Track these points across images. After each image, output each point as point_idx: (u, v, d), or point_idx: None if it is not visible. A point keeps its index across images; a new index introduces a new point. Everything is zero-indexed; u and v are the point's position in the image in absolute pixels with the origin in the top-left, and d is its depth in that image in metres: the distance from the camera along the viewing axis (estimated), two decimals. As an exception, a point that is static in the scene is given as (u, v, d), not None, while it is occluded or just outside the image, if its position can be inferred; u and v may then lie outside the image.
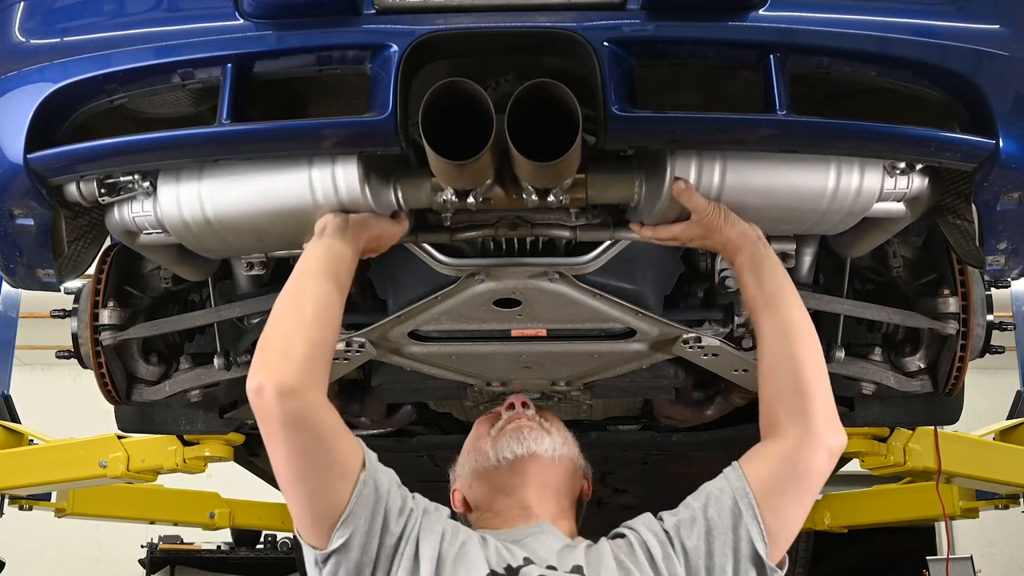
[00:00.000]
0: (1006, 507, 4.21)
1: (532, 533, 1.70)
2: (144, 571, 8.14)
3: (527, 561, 1.60)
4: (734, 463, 1.71)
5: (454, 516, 1.77)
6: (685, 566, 1.61)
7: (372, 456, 1.64)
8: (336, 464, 1.57)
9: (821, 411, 1.66)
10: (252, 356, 2.49)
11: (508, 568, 1.58)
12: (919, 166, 1.80)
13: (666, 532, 1.66)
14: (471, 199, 1.76)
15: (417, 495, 1.71)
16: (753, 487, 1.64)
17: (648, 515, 1.74)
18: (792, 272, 2.35)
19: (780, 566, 1.65)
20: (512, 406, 1.91)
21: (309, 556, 1.62)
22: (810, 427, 1.65)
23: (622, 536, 1.71)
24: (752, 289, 1.75)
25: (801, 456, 1.64)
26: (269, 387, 1.53)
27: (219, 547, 7.98)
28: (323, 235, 1.74)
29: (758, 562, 1.61)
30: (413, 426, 3.35)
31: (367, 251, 1.81)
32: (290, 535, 6.42)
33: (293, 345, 1.58)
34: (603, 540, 1.71)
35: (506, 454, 1.79)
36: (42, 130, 1.76)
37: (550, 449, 1.81)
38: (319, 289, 1.65)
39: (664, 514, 1.72)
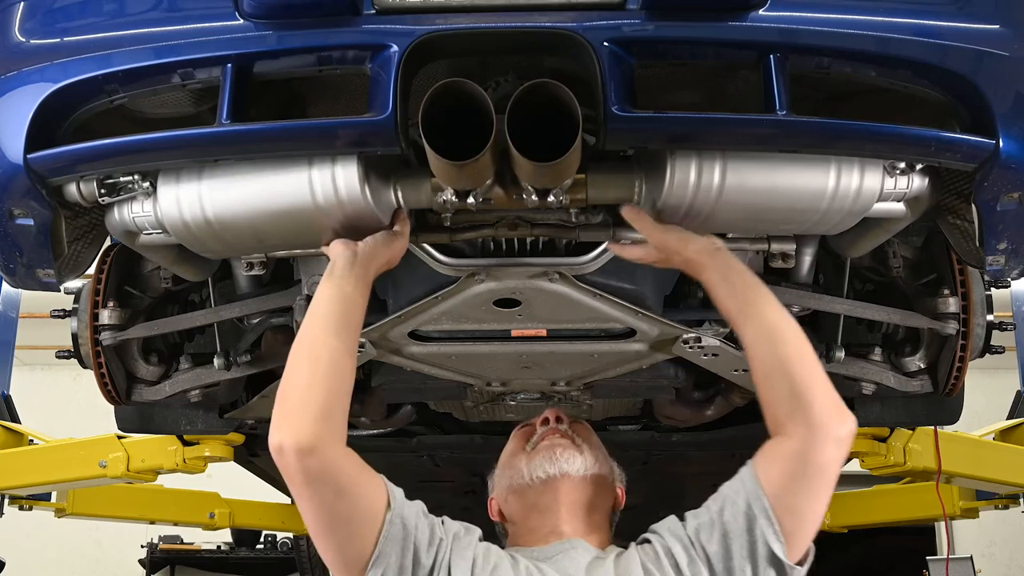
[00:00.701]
0: (1006, 507, 4.21)
1: (563, 550, 1.73)
2: (144, 571, 8.14)
3: None
4: (748, 462, 1.70)
5: (489, 535, 1.79)
6: (709, 571, 1.63)
7: (397, 493, 1.66)
8: (361, 512, 1.61)
9: (820, 406, 1.63)
10: (252, 356, 2.54)
11: None
12: (919, 166, 1.79)
13: (689, 537, 1.68)
14: (471, 199, 1.76)
15: (447, 519, 1.74)
16: (765, 488, 1.63)
17: (673, 518, 1.76)
18: (792, 272, 2.36)
19: (803, 560, 1.65)
20: (547, 420, 1.93)
21: None
22: (813, 424, 1.62)
23: (648, 542, 1.73)
24: (726, 302, 1.74)
25: (810, 453, 1.62)
26: (289, 446, 1.57)
27: (219, 547, 7.98)
28: (333, 275, 1.74)
29: (776, 563, 1.61)
30: (413, 426, 3.35)
31: (377, 275, 1.82)
32: (290, 535, 6.41)
33: (310, 398, 1.60)
34: (632, 547, 1.73)
35: (539, 473, 1.82)
36: (42, 130, 1.76)
37: (582, 468, 1.83)
38: (332, 337, 1.67)
39: (688, 515, 1.73)
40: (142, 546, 8.12)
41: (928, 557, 5.77)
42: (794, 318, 1.73)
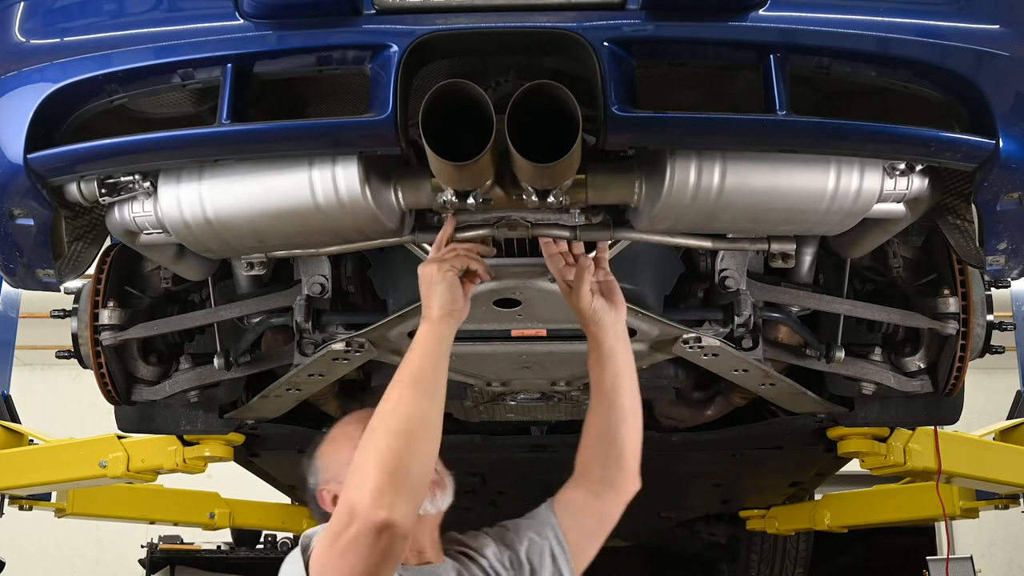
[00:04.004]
0: (1006, 507, 4.20)
1: (436, 573, 1.78)
2: (144, 571, 8.13)
3: None
4: (552, 508, 1.87)
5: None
6: None
7: None
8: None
9: (632, 478, 1.87)
10: (252, 356, 2.54)
11: None
12: (919, 167, 1.79)
13: (507, 567, 1.80)
14: (471, 200, 1.76)
15: None
16: (566, 534, 1.83)
17: (492, 546, 1.83)
18: (792, 272, 2.36)
19: None
20: None
21: None
22: (621, 491, 1.87)
23: (472, 559, 1.81)
24: (600, 372, 1.88)
25: (610, 512, 1.87)
26: (395, 528, 1.50)
27: (219, 547, 7.96)
28: (434, 320, 1.73)
29: None
30: (413, 426, 3.34)
31: None
32: (290, 535, 6.41)
33: (424, 480, 1.57)
34: (459, 564, 1.80)
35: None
36: (42, 130, 1.76)
37: (448, 503, 1.85)
38: (440, 397, 1.65)
39: (495, 542, 1.84)
40: (142, 546, 8.10)
41: (928, 557, 5.76)
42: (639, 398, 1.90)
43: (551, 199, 1.74)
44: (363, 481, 1.52)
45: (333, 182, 1.74)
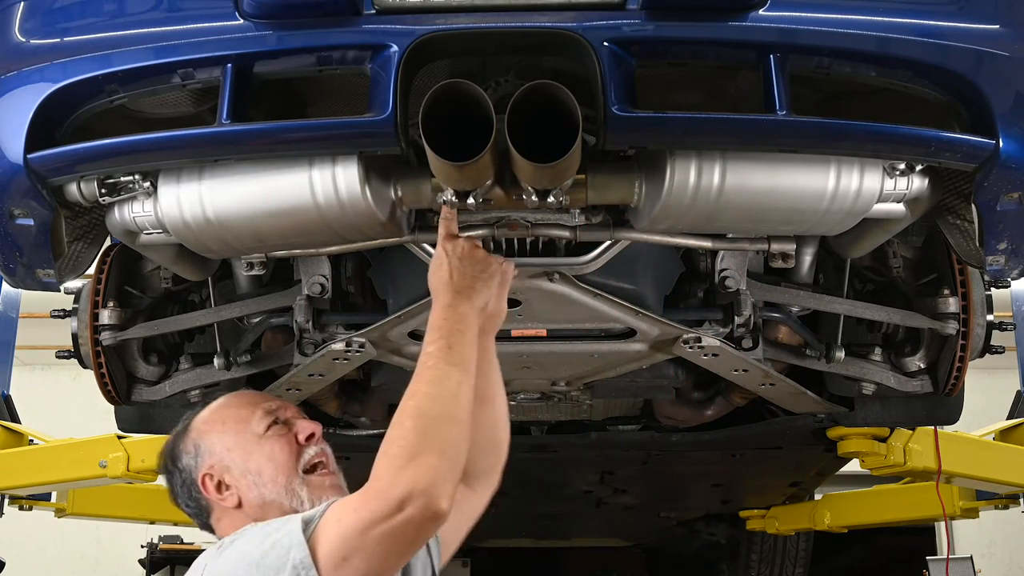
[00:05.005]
0: (1006, 507, 4.20)
1: None
2: (144, 571, 8.14)
3: None
4: None
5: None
6: None
7: None
8: None
9: (499, 473, 1.88)
10: (252, 356, 2.54)
11: None
12: (919, 167, 1.79)
13: None
14: (471, 200, 1.76)
15: None
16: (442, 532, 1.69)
17: None
18: (792, 272, 2.36)
19: None
20: (312, 436, 1.77)
21: None
22: (491, 483, 1.87)
23: None
24: (479, 379, 1.79)
25: (478, 505, 1.85)
26: (443, 514, 1.45)
27: (219, 547, 7.97)
28: (472, 299, 1.71)
29: None
30: (413, 426, 3.34)
31: None
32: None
33: (461, 464, 1.53)
34: None
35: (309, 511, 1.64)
36: (42, 130, 1.76)
37: None
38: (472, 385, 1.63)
39: None
40: (142, 546, 8.11)
41: (928, 557, 5.76)
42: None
43: (551, 199, 1.74)
44: (423, 467, 1.44)
45: (333, 182, 1.74)
